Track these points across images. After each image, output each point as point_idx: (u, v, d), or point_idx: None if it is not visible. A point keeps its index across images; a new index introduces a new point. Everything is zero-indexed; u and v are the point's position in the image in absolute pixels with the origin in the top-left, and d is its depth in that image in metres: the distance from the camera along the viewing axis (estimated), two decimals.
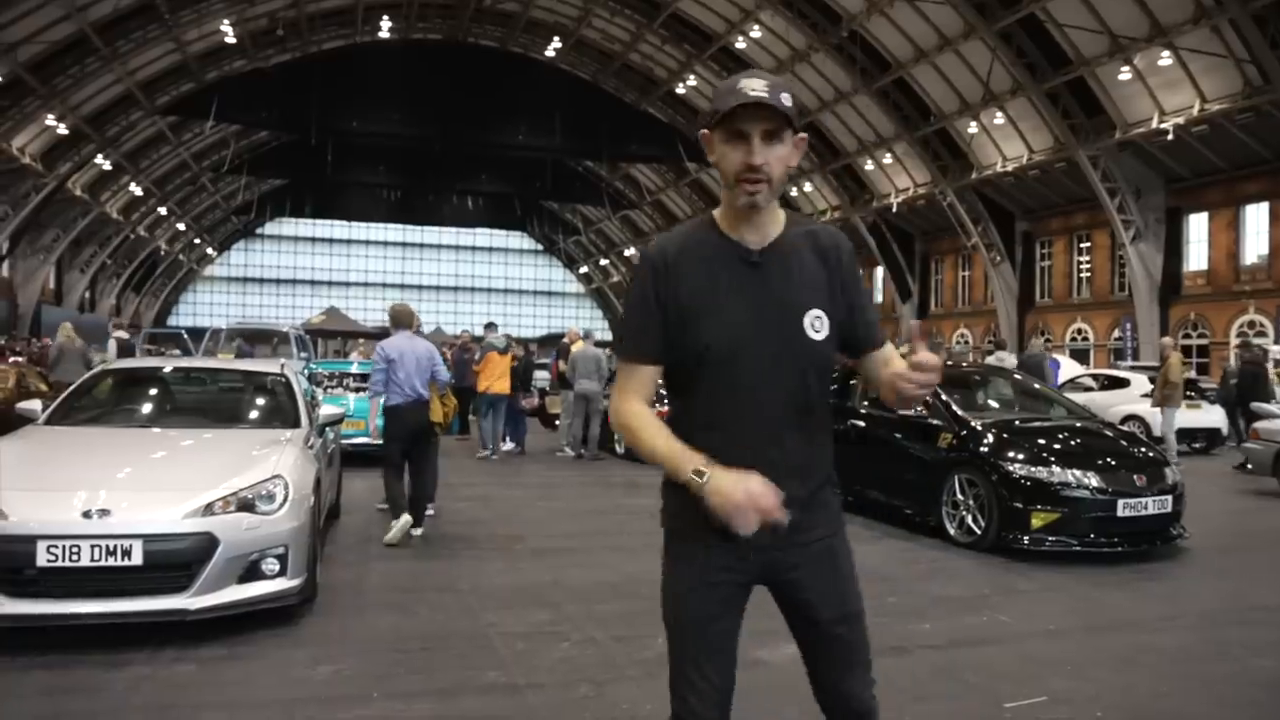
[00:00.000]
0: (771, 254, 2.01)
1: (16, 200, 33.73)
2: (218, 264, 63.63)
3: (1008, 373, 9.73)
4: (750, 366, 1.97)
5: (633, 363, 2.04)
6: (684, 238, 2.04)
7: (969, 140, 29.83)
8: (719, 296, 1.97)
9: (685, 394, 2.03)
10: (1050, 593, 5.82)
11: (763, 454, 1.96)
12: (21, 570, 4.18)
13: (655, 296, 1.99)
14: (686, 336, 1.98)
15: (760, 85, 1.89)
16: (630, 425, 2.01)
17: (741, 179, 1.92)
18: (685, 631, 2.06)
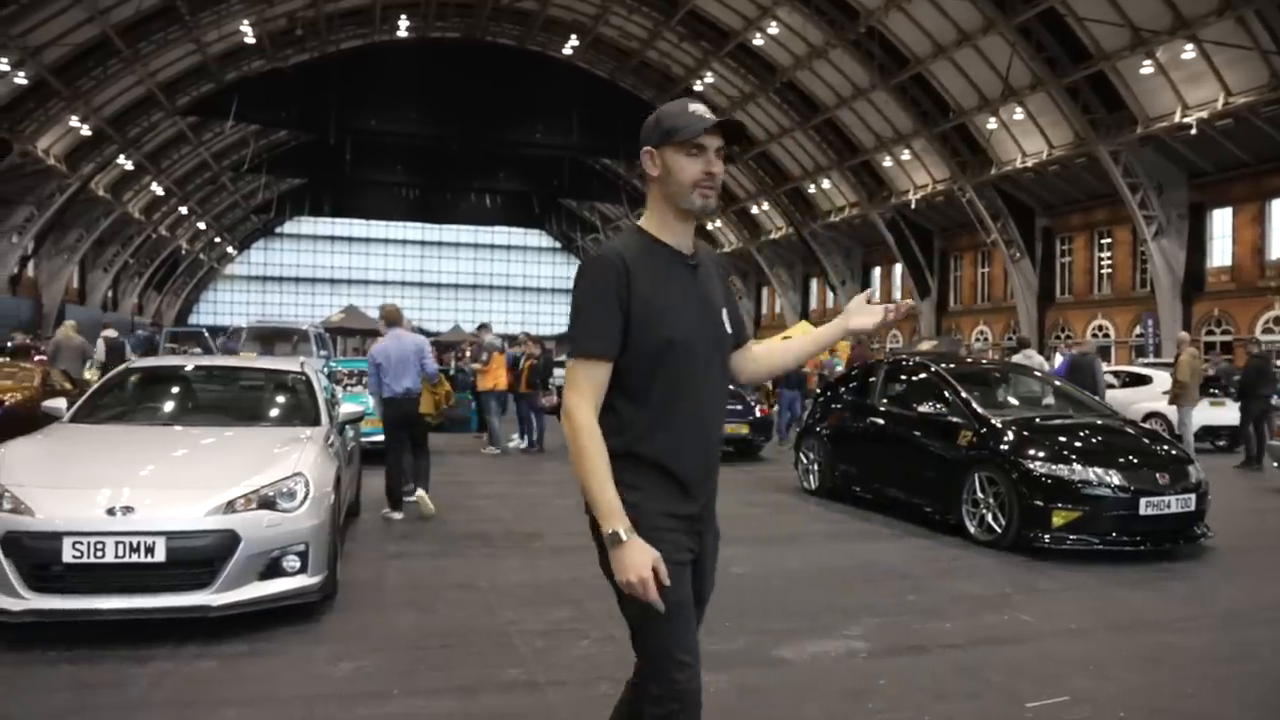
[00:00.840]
0: (699, 259, 2.30)
1: (41, 201, 34.12)
2: (238, 263, 64.13)
3: (1028, 370, 9.65)
4: (698, 356, 2.22)
5: (592, 360, 2.15)
6: (632, 244, 2.23)
7: (988, 136, 29.62)
8: (673, 294, 2.20)
9: (640, 387, 2.17)
10: (1072, 591, 5.77)
11: (704, 436, 2.24)
12: (48, 566, 4.23)
13: (617, 296, 2.14)
14: (650, 332, 2.15)
15: (708, 111, 2.21)
16: (582, 445, 2.12)
17: (700, 185, 2.20)
18: (674, 615, 2.14)
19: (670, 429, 2.18)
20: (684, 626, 2.18)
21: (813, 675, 4.15)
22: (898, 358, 9.83)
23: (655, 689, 2.17)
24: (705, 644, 4.42)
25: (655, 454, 2.17)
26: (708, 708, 3.69)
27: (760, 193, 42.61)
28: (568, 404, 2.16)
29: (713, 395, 2.28)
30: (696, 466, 2.22)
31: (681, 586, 2.17)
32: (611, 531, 2.07)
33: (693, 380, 2.21)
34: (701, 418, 2.23)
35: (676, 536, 2.17)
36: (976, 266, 36.22)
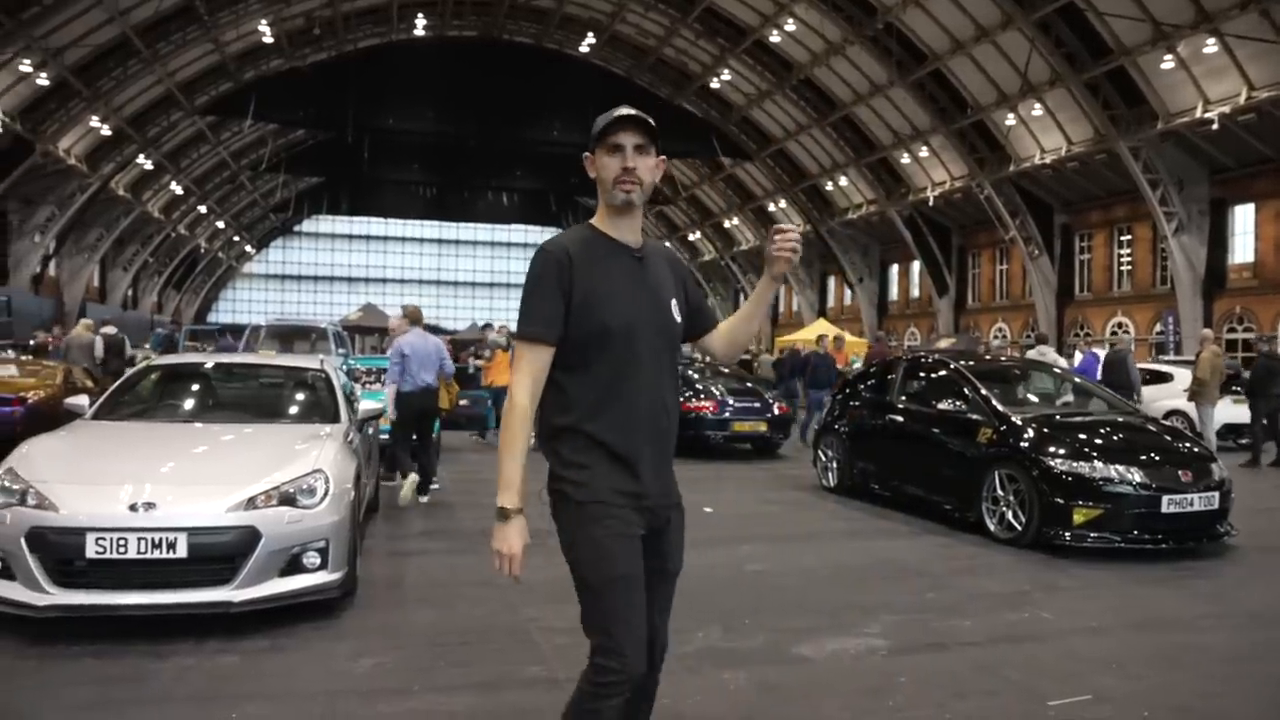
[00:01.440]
0: (646, 252, 2.46)
1: (62, 200, 34.44)
2: (256, 261, 64.50)
3: (1048, 367, 9.59)
4: (642, 342, 2.35)
5: (535, 343, 2.33)
6: (577, 238, 2.41)
7: (1006, 132, 29.42)
8: (616, 283, 2.36)
9: (585, 370, 2.33)
10: (1093, 589, 5.72)
11: (652, 418, 2.36)
12: (72, 562, 4.28)
13: (559, 285, 2.31)
14: (590, 318, 2.31)
15: (632, 110, 2.37)
16: (509, 422, 2.33)
17: (619, 181, 2.36)
18: (616, 587, 2.27)
19: (614, 410, 2.32)
20: (629, 599, 2.28)
21: (832, 673, 4.14)
22: (916, 355, 9.78)
23: (601, 660, 2.26)
24: (723, 641, 4.50)
25: (600, 432, 2.32)
26: (727, 703, 3.72)
27: (777, 190, 42.49)
28: (510, 384, 2.37)
29: (658, 379, 2.39)
30: (641, 446, 2.34)
31: (629, 561, 2.29)
32: (503, 505, 2.29)
33: (636, 365, 2.34)
34: (646, 400, 2.35)
35: (624, 512, 2.30)
36: (995, 264, 36.00)
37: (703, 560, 6.38)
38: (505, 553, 2.27)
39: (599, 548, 2.28)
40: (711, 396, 12.92)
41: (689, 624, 4.79)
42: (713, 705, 3.70)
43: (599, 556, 2.28)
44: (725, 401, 12.87)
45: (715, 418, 12.61)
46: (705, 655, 4.33)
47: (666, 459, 2.44)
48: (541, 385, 2.34)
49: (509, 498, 2.29)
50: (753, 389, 13.92)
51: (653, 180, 2.42)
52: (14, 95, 28.21)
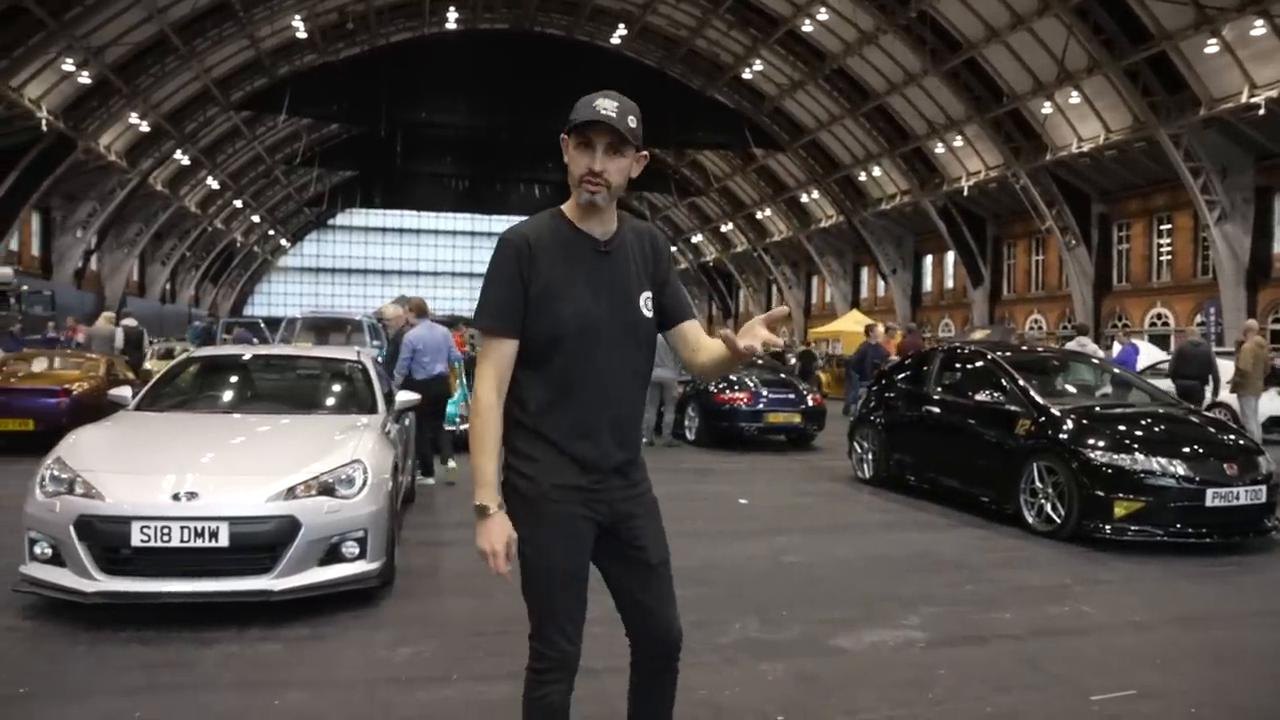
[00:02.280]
0: (614, 244, 2.34)
1: (103, 196, 35.04)
2: (291, 254, 65.24)
3: (1086, 358, 9.45)
4: (600, 339, 2.27)
5: (497, 337, 2.28)
6: (540, 227, 2.32)
7: (1042, 121, 28.98)
8: (575, 279, 2.27)
9: (540, 366, 2.28)
10: (1135, 584, 5.64)
11: (609, 415, 2.30)
12: (118, 549, 4.36)
13: (519, 275, 2.25)
14: (545, 314, 2.24)
15: (611, 106, 2.22)
16: (474, 417, 2.30)
17: (584, 180, 2.25)
18: (555, 581, 2.29)
19: (566, 409, 2.28)
20: (571, 594, 2.30)
21: (871, 664, 4.11)
22: (953, 346, 9.68)
23: (538, 646, 2.33)
24: (760, 632, 4.48)
25: (549, 428, 2.28)
26: (766, 694, 3.71)
27: (810, 181, 42.21)
28: (476, 379, 2.31)
29: (616, 376, 2.32)
30: (595, 442, 2.29)
31: (567, 555, 2.29)
32: (480, 504, 2.23)
33: (591, 360, 2.27)
34: (602, 397, 2.29)
35: (570, 507, 2.28)
36: (1031, 254, 35.52)
37: (739, 551, 6.39)
38: (489, 550, 2.23)
39: (538, 540, 2.27)
40: (745, 388, 12.87)
41: (726, 615, 4.80)
42: (751, 696, 3.69)
43: (537, 549, 2.27)
44: (759, 393, 12.82)
45: (749, 409, 12.56)
46: (743, 646, 4.32)
47: (627, 456, 2.36)
48: (507, 379, 2.28)
49: (485, 494, 2.24)
50: (787, 380, 13.86)
51: (624, 181, 2.30)
52: (57, 94, 28.72)
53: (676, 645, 2.46)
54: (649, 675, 2.48)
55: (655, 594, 2.42)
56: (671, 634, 2.44)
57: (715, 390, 12.88)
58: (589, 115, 2.21)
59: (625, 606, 2.44)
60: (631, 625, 2.45)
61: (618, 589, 2.43)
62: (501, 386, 2.28)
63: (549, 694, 2.33)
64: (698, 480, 9.94)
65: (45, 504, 4.50)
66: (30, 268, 34.13)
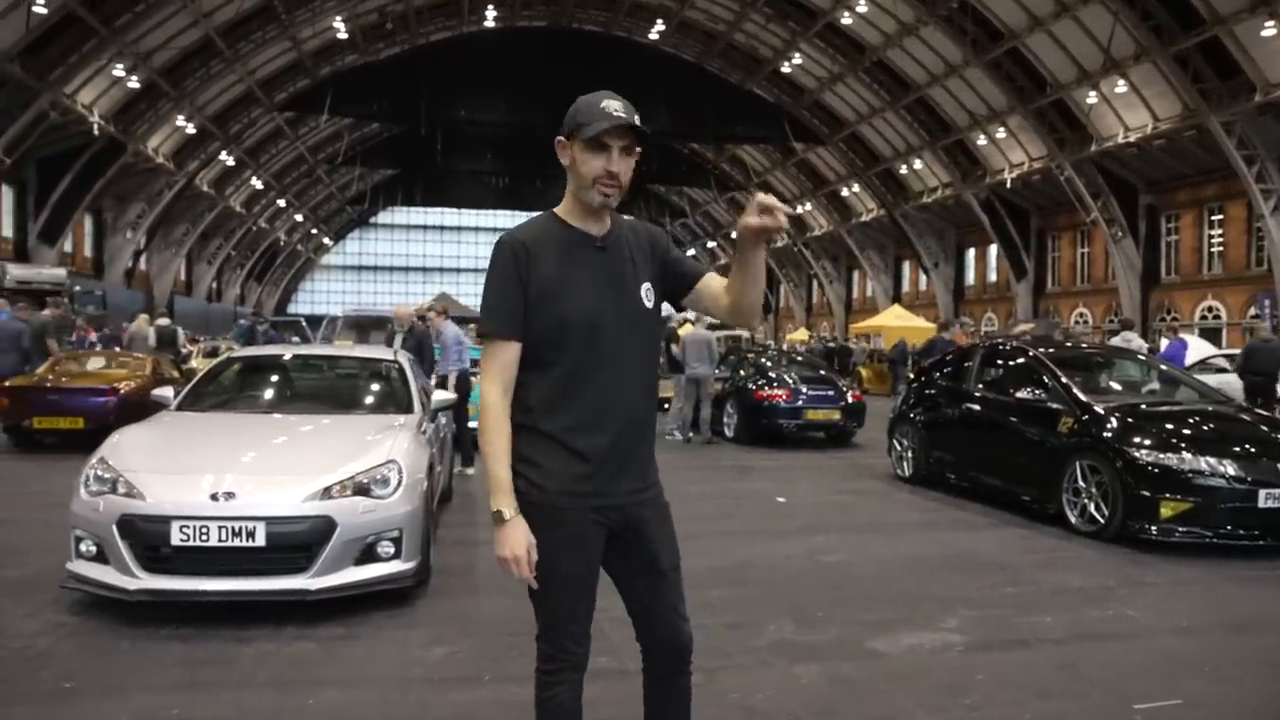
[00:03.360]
0: (611, 240, 2.34)
1: (151, 197, 35.80)
2: (334, 253, 66.11)
3: (1132, 354, 9.24)
4: (605, 333, 2.26)
5: (499, 340, 2.26)
6: (535, 229, 2.32)
7: (1088, 111, 28.42)
8: (575, 275, 2.26)
9: (543, 365, 2.26)
10: (1182, 587, 5.50)
11: (619, 408, 2.28)
12: (159, 548, 4.42)
13: (517, 278, 2.24)
14: (548, 311, 2.23)
15: (621, 108, 2.22)
16: (484, 424, 2.27)
17: (601, 183, 2.24)
18: (565, 588, 2.29)
19: (571, 409, 2.25)
20: (580, 600, 2.31)
21: (907, 668, 4.05)
22: (994, 342, 9.52)
23: (545, 647, 2.34)
24: (795, 634, 4.44)
25: (555, 430, 2.25)
26: (799, 698, 3.67)
27: (850, 175, 41.84)
28: (480, 384, 2.32)
29: (622, 374, 2.29)
30: (602, 444, 2.27)
31: (573, 564, 2.28)
32: (496, 510, 2.21)
33: (598, 359, 2.26)
34: (608, 396, 2.27)
35: (578, 515, 2.25)
36: (1076, 247, 34.87)
37: (776, 551, 6.34)
38: (510, 557, 2.20)
39: (548, 548, 2.24)
40: (784, 384, 12.79)
41: (761, 616, 4.76)
42: (784, 699, 3.65)
43: (546, 557, 2.24)
44: (799, 389, 12.73)
45: (788, 406, 12.48)
46: (777, 648, 4.28)
47: (637, 456, 2.34)
48: (513, 382, 2.27)
49: (502, 500, 2.21)
50: (827, 376, 13.75)
51: (630, 178, 2.29)
52: (108, 99, 29.38)
53: (687, 650, 2.47)
54: (661, 682, 2.48)
55: (665, 600, 2.41)
56: (681, 639, 2.45)
57: (754, 387, 12.82)
58: (608, 120, 2.20)
59: (635, 612, 2.44)
60: (642, 630, 2.45)
61: (628, 594, 2.43)
62: (508, 390, 2.27)
63: (559, 694, 2.35)
64: (736, 478, 9.90)
65: (89, 503, 4.59)
66: (83, 268, 34.96)
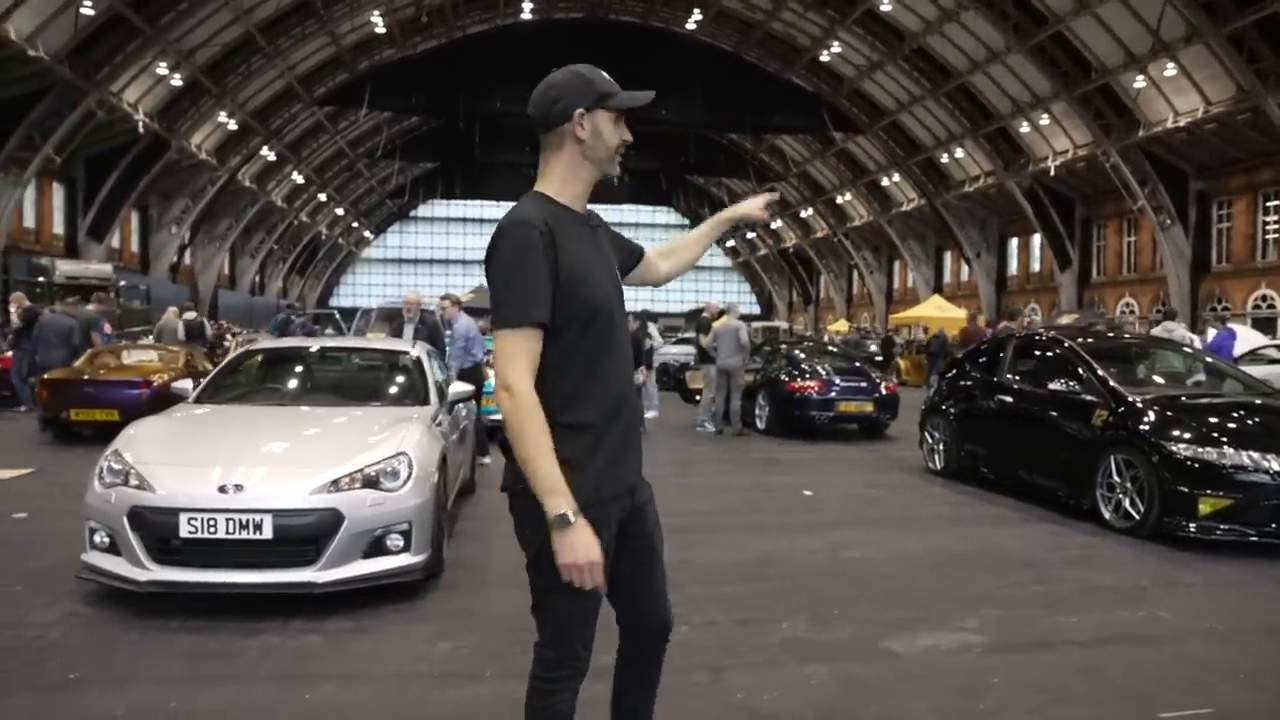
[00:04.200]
0: (596, 220, 2.35)
1: (195, 193, 36.37)
2: (374, 246, 66.71)
3: (1174, 344, 8.93)
4: (615, 315, 2.24)
5: (523, 328, 2.09)
6: (543, 209, 2.18)
7: (1135, 96, 27.66)
8: (589, 259, 2.20)
9: (570, 354, 2.14)
10: (1219, 588, 5.27)
11: (629, 397, 2.26)
12: (169, 540, 4.42)
13: (546, 261, 2.09)
14: (575, 298, 2.12)
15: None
16: (522, 420, 2.06)
17: (619, 152, 2.27)
18: (575, 595, 2.13)
19: (594, 398, 2.17)
20: (592, 606, 2.21)
21: (922, 670, 3.91)
22: (1030, 333, 9.27)
23: (552, 654, 2.23)
24: (809, 632, 4.33)
25: (577, 420, 2.13)
26: (806, 699, 3.55)
27: (891, 164, 41.24)
28: (504, 377, 2.08)
29: (623, 358, 2.28)
30: (619, 432, 2.21)
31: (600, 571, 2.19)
32: (560, 514, 2.03)
33: (609, 344, 2.21)
34: (620, 381, 2.24)
35: (605, 512, 2.16)
36: (1122, 235, 34.03)
37: (799, 546, 6.22)
38: (582, 563, 2.04)
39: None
40: (816, 376, 12.61)
41: (777, 613, 4.65)
42: (790, 701, 3.53)
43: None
44: (831, 381, 12.54)
45: (820, 398, 12.30)
46: (789, 647, 4.17)
47: (639, 439, 2.35)
48: (536, 373, 2.10)
49: (561, 502, 2.03)
50: (860, 368, 13.53)
51: None
52: (152, 97, 29.87)
53: (669, 630, 2.46)
54: (642, 661, 2.46)
55: (657, 582, 2.39)
56: (669, 619, 2.45)
57: (786, 378, 12.66)
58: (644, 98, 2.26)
59: (624, 594, 2.35)
60: (631, 613, 2.39)
61: (617, 576, 2.28)
62: (534, 379, 2.09)
63: (559, 703, 2.25)
64: (764, 471, 9.77)
65: (102, 494, 4.61)
66: (130, 263, 35.66)
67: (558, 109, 2.20)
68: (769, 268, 66.60)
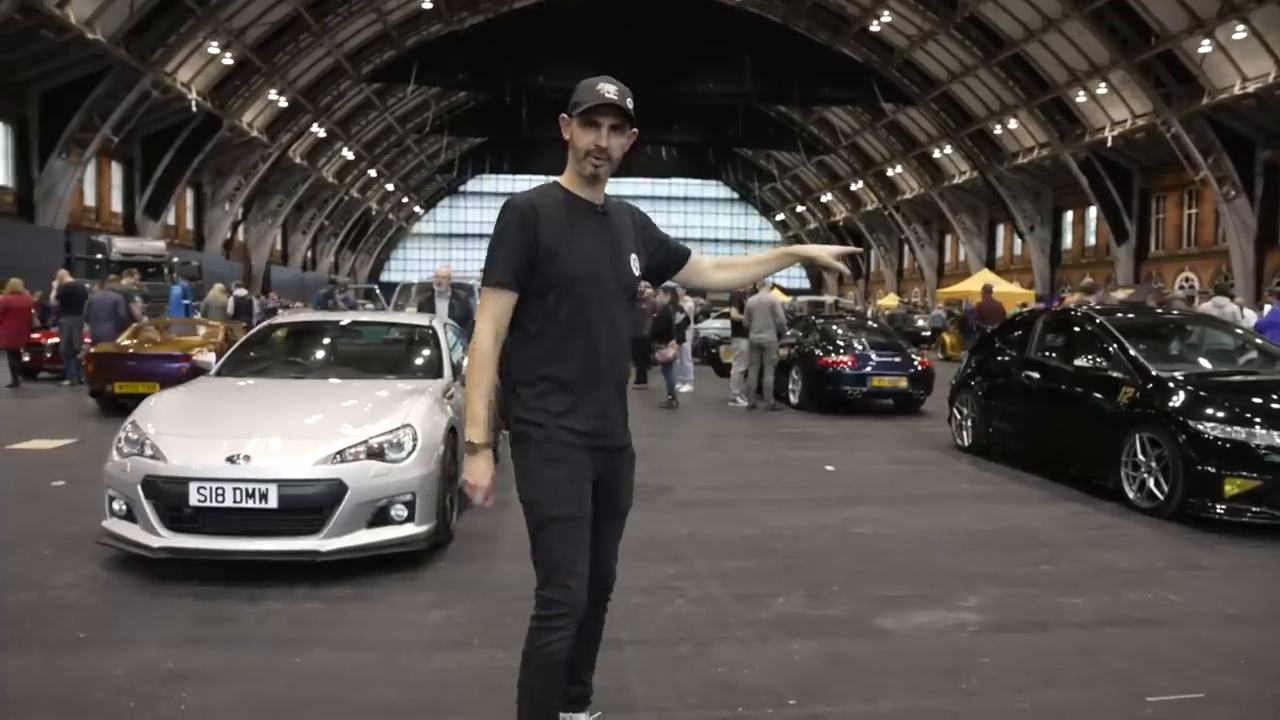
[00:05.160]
0: (609, 208, 2.62)
1: (247, 170, 37.04)
2: (424, 221, 67.40)
3: (1214, 320, 8.62)
4: (601, 290, 2.52)
5: (500, 289, 2.47)
6: (541, 194, 2.55)
7: (1199, 62, 26.70)
8: (576, 237, 2.50)
9: (545, 317, 2.49)
10: (1240, 572, 5.12)
11: (607, 360, 2.54)
12: (180, 508, 4.55)
13: (523, 236, 2.45)
14: (554, 268, 2.46)
15: (613, 90, 2.47)
16: (474, 363, 2.49)
17: (590, 155, 2.49)
18: (568, 525, 2.46)
19: (571, 358, 2.48)
20: (579, 539, 2.48)
21: (911, 648, 3.88)
22: (1064, 308, 9.04)
23: (547, 593, 2.47)
24: (804, 608, 4.31)
25: (558, 374, 2.48)
26: (787, 676, 3.55)
27: (942, 136, 40.46)
28: (476, 329, 2.52)
29: (612, 329, 2.55)
30: (596, 393, 2.51)
31: (578, 503, 2.48)
32: (469, 440, 2.48)
33: (595, 313, 2.50)
34: (601, 349, 2.52)
35: (578, 455, 2.48)
36: (1182, 207, 33.00)
37: (809, 521, 6.19)
38: (474, 483, 2.47)
39: (554, 487, 2.45)
40: (851, 350, 12.47)
41: (774, 588, 4.64)
42: (770, 677, 3.53)
43: (553, 496, 2.45)
44: (866, 355, 12.40)
45: (853, 372, 12.17)
46: (780, 622, 4.16)
47: (621, 406, 2.62)
48: (504, 329, 2.49)
49: (477, 433, 2.47)
50: (895, 343, 13.35)
51: (621, 154, 2.53)
52: (205, 76, 30.44)
53: (610, 587, 2.78)
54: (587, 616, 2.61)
55: (609, 540, 2.70)
56: (611, 575, 2.76)
57: (820, 353, 12.55)
58: (596, 99, 2.45)
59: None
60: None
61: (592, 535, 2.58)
62: (499, 336, 2.48)
63: (553, 642, 2.46)
64: (790, 446, 9.71)
65: (120, 464, 4.76)
66: (185, 240, 36.50)
67: (560, 115, 2.54)
68: (819, 241, 65.89)
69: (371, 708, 3.25)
